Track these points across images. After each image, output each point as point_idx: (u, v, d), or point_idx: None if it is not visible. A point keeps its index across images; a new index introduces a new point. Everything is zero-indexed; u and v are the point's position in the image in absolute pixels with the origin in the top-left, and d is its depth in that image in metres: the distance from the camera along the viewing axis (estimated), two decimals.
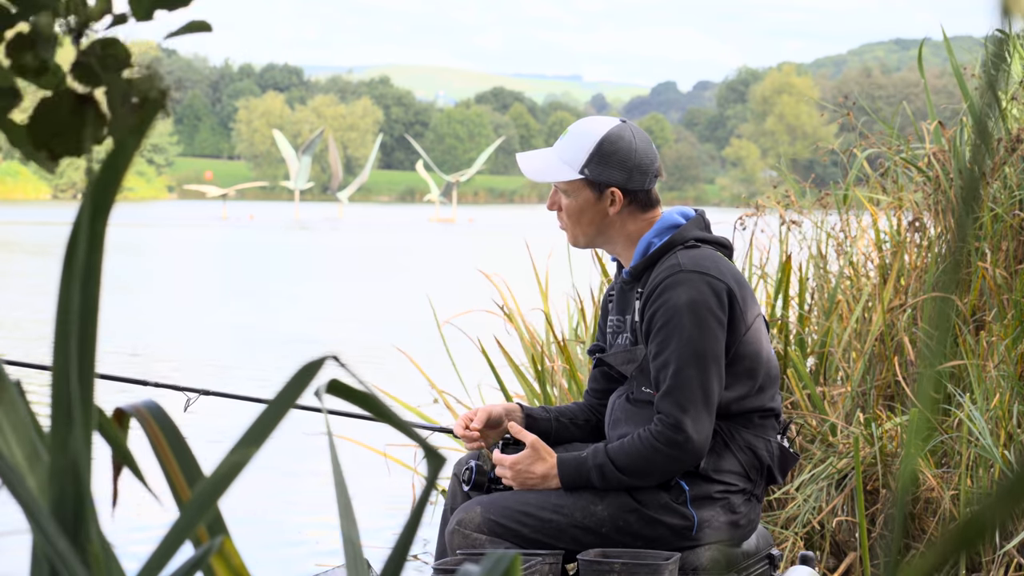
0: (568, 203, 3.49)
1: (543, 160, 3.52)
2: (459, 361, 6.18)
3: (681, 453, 3.31)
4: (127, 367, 12.14)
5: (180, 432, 1.32)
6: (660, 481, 3.38)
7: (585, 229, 3.50)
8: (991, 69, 0.84)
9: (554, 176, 3.48)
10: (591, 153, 3.45)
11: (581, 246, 3.58)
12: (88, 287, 1.17)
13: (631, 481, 3.36)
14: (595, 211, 3.48)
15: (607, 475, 3.36)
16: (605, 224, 3.49)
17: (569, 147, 3.49)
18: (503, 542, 3.37)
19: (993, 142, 5.45)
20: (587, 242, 3.55)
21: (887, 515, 4.82)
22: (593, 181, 3.45)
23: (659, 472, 3.35)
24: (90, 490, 1.20)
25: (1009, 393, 4.81)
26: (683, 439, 3.29)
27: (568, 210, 3.50)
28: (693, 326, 3.32)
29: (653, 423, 3.33)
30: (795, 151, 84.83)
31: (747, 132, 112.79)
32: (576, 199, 3.48)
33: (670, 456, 3.31)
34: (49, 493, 1.18)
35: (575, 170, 3.46)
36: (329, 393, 1.27)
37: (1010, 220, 5.27)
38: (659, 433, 3.31)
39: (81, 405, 1.18)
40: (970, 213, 3.58)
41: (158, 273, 26.91)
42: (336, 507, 1.25)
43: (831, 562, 5.08)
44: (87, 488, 1.19)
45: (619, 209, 3.47)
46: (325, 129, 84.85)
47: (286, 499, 7.16)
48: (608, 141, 3.46)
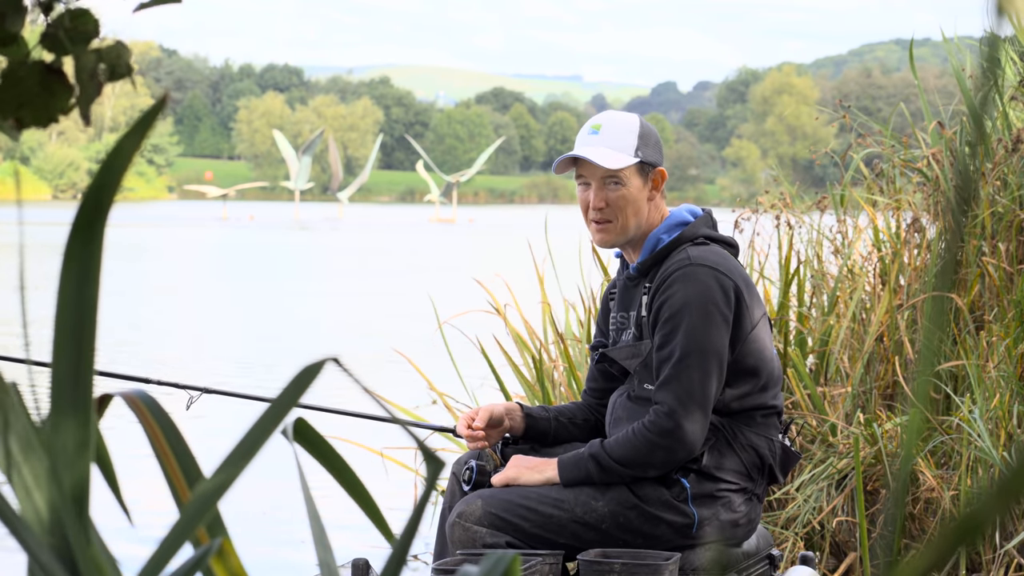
0: (621, 192, 3.48)
1: (602, 152, 3.49)
2: (460, 361, 6.19)
3: (673, 443, 3.30)
4: (126, 367, 12.15)
5: (174, 422, 1.32)
6: (656, 472, 3.37)
7: (631, 220, 3.49)
8: (987, 69, 0.84)
9: (622, 162, 3.48)
10: (638, 136, 3.50)
11: (616, 244, 3.53)
12: (87, 287, 1.18)
13: (626, 471, 3.36)
14: (642, 197, 3.51)
15: (603, 465, 3.37)
16: (645, 211, 3.51)
17: (615, 137, 3.50)
18: (503, 536, 3.37)
19: (992, 142, 5.45)
20: (625, 237, 3.51)
21: (886, 515, 4.82)
22: (645, 163, 3.49)
23: (653, 463, 3.34)
24: (88, 491, 1.20)
25: (1009, 393, 4.81)
26: (676, 429, 3.30)
27: (619, 202, 3.48)
28: (699, 320, 3.33)
29: (649, 413, 3.34)
30: (795, 151, 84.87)
31: (747, 132, 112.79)
32: (630, 187, 3.49)
33: (662, 446, 3.31)
34: (47, 493, 1.19)
35: (630, 155, 3.48)
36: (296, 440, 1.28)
37: (1010, 217, 5.27)
38: (652, 423, 3.31)
39: (81, 405, 1.19)
40: (965, 211, 3.59)
41: (158, 273, 26.91)
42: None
43: (831, 562, 5.08)
44: (86, 489, 1.19)
45: (659, 191, 3.52)
46: (325, 129, 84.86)
47: (286, 499, 7.16)
48: (643, 125, 3.55)
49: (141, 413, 1.31)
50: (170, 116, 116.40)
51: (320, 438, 1.30)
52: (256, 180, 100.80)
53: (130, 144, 1.16)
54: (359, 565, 3.42)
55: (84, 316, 1.18)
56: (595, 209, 3.50)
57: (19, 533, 1.16)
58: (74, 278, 1.17)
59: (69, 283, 1.17)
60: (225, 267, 30.38)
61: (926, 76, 5.50)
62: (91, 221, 1.17)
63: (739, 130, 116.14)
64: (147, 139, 1.18)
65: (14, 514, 1.16)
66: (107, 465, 1.33)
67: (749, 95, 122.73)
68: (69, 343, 1.18)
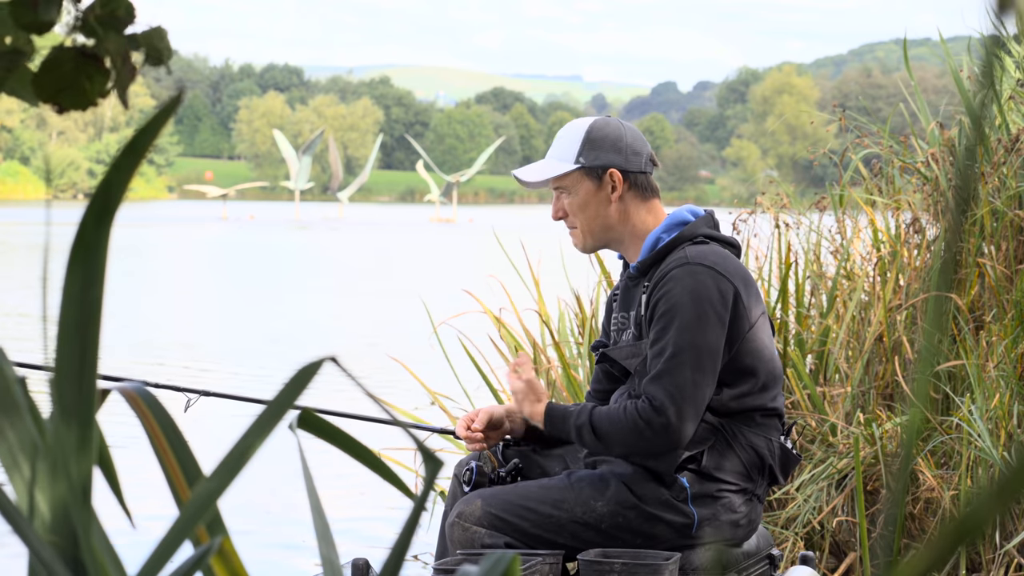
0: (571, 201, 3.50)
1: (538, 166, 3.54)
2: (457, 363, 6.19)
3: (656, 436, 3.30)
4: (125, 366, 12.15)
5: (172, 418, 1.32)
6: (628, 455, 3.38)
7: (591, 224, 3.49)
8: (987, 70, 0.84)
9: (550, 172, 3.49)
10: (581, 142, 3.49)
11: (590, 248, 3.56)
12: (91, 290, 1.18)
13: (601, 447, 3.37)
14: (598, 201, 3.49)
15: (583, 433, 3.37)
16: (610, 215, 3.49)
17: (559, 146, 3.53)
18: (502, 536, 3.37)
19: (992, 142, 5.45)
20: (595, 241, 3.53)
21: (886, 515, 4.82)
22: (590, 167, 3.47)
23: (631, 447, 3.34)
24: (91, 491, 1.20)
25: (1009, 393, 4.81)
26: (663, 423, 3.29)
27: (572, 208, 3.50)
28: (694, 317, 3.32)
29: (640, 400, 3.34)
30: (795, 151, 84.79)
31: (747, 132, 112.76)
32: (577, 194, 3.49)
33: (645, 436, 3.30)
34: (50, 493, 1.19)
35: (570, 162, 3.48)
36: (300, 427, 1.28)
37: (1011, 215, 5.27)
38: (642, 410, 3.31)
39: (82, 407, 1.19)
40: (965, 211, 3.59)
41: (158, 273, 26.91)
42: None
43: (831, 562, 5.08)
44: (89, 489, 1.19)
45: (621, 194, 3.48)
46: (325, 129, 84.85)
47: (286, 499, 7.16)
48: (595, 128, 3.52)
49: (139, 408, 1.31)
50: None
51: (326, 423, 1.29)
52: (256, 180, 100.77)
53: (141, 144, 1.16)
54: (359, 565, 3.42)
55: (88, 316, 1.18)
56: (554, 218, 3.56)
57: (23, 531, 1.16)
58: (79, 277, 1.17)
59: (74, 282, 1.17)
60: (225, 267, 30.38)
61: (927, 76, 5.50)
62: (97, 223, 1.17)
63: (739, 130, 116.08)
64: (159, 137, 1.18)
65: (18, 512, 1.16)
66: (109, 466, 1.33)
67: (749, 95, 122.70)
68: (73, 342, 1.18)
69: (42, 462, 1.19)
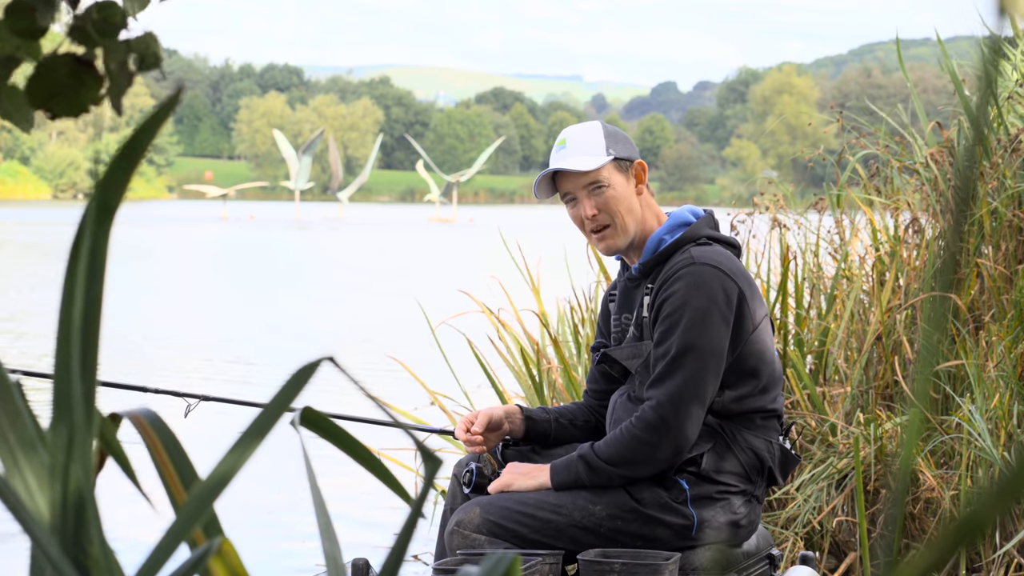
0: (608, 195, 3.47)
1: (580, 158, 3.48)
2: (458, 363, 6.18)
3: (660, 440, 3.28)
4: (125, 370, 12.15)
5: (177, 439, 1.32)
6: (647, 471, 3.34)
7: (626, 219, 3.47)
8: (988, 70, 0.84)
9: (597, 163, 3.46)
10: (604, 137, 3.50)
11: (622, 246, 3.50)
12: (91, 293, 1.17)
13: (614, 471, 3.34)
14: (629, 193, 3.50)
15: (592, 465, 3.35)
16: (637, 208, 3.49)
17: (582, 144, 3.49)
18: (502, 543, 3.36)
19: (991, 142, 5.45)
20: (627, 238, 3.48)
21: (886, 515, 4.82)
22: (620, 159, 3.49)
23: (639, 459, 3.32)
24: (92, 494, 1.20)
25: (1009, 393, 4.81)
26: (664, 426, 3.28)
27: (612, 201, 3.46)
28: (699, 319, 3.32)
29: (639, 410, 3.33)
30: (795, 151, 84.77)
31: (747, 132, 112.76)
32: (614, 187, 3.47)
33: (646, 441, 3.29)
34: (50, 497, 1.19)
35: (602, 155, 3.48)
36: (303, 425, 1.28)
37: (1010, 215, 5.27)
38: (638, 419, 3.30)
39: (83, 410, 1.18)
40: (964, 211, 3.58)
41: (157, 273, 26.90)
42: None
43: (831, 562, 5.08)
44: (89, 492, 1.19)
45: (644, 184, 3.52)
46: (325, 129, 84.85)
47: (286, 499, 7.16)
48: (607, 126, 3.57)
49: (146, 433, 1.31)
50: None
51: (329, 421, 1.29)
52: (256, 180, 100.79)
53: (139, 144, 1.16)
54: (359, 565, 3.42)
55: (88, 322, 1.18)
56: (589, 218, 3.48)
57: (29, 528, 1.16)
58: (80, 277, 1.17)
59: (73, 289, 1.17)
60: (225, 267, 30.37)
61: (927, 76, 5.48)
62: (97, 223, 1.17)
63: (739, 130, 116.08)
64: (158, 136, 1.18)
65: (25, 509, 1.16)
66: (122, 458, 1.33)
67: (749, 95, 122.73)
68: (73, 342, 1.18)
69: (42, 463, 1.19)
